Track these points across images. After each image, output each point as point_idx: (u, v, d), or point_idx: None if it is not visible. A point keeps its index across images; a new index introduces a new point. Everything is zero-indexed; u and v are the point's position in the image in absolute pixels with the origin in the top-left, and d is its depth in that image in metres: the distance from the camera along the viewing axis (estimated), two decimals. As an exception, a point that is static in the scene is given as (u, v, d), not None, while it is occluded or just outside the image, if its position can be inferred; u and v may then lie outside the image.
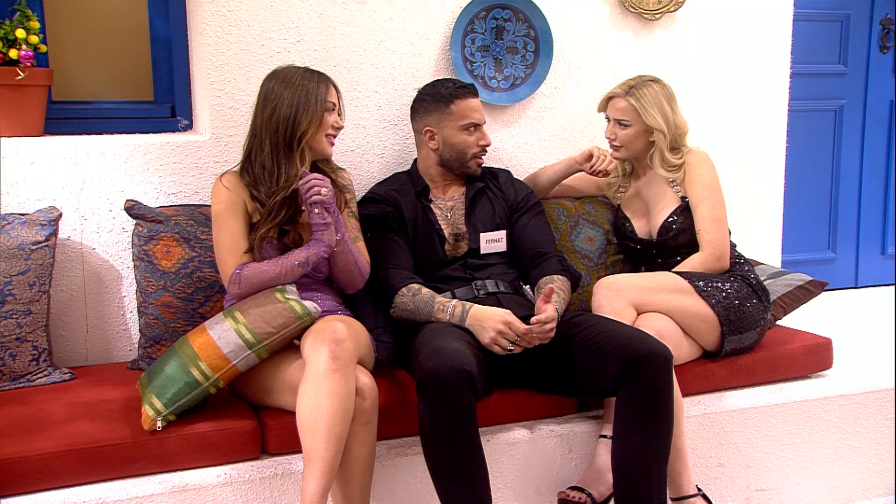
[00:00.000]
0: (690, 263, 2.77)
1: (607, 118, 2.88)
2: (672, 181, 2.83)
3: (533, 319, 2.38)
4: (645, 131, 2.80)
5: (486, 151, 2.76)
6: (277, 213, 2.39)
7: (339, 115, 2.50)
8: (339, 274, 2.49)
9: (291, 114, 2.39)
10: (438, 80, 2.80)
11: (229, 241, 2.39)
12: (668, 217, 2.81)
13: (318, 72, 2.48)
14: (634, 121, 2.79)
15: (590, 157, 2.91)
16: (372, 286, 2.59)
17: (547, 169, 3.05)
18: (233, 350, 2.23)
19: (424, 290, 2.55)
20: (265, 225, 2.39)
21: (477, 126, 2.71)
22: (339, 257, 2.44)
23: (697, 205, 2.78)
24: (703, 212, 2.77)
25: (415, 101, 2.80)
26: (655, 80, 2.83)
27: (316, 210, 2.32)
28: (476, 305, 2.47)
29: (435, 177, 2.78)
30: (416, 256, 2.68)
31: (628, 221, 2.93)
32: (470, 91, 2.73)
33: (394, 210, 2.70)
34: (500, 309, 2.44)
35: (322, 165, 2.53)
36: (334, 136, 2.50)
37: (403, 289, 2.55)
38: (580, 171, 2.97)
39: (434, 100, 2.72)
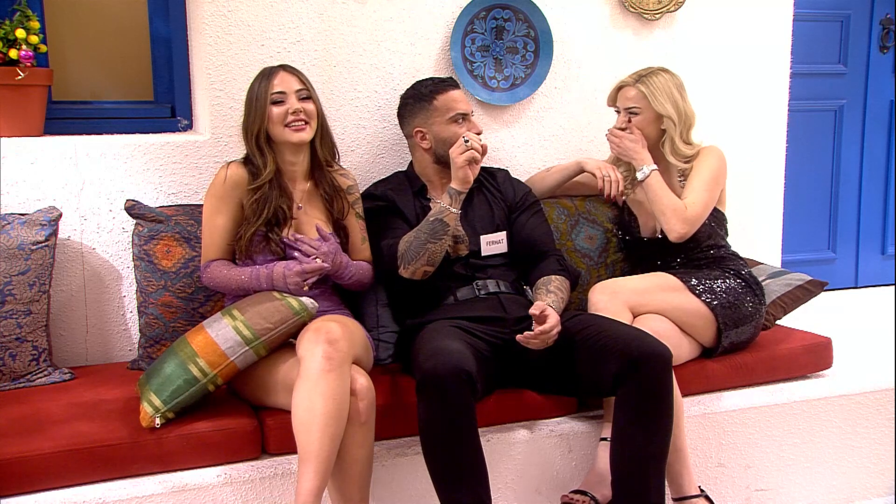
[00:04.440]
0: (668, 196, 2.74)
1: (617, 110, 2.88)
2: (681, 178, 2.83)
3: (544, 328, 2.37)
4: (655, 119, 2.80)
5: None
6: (260, 214, 2.42)
7: (299, 101, 2.43)
8: (348, 288, 2.57)
9: (244, 119, 2.48)
10: (418, 81, 2.78)
11: (209, 235, 2.48)
12: None
13: (270, 67, 2.50)
14: (644, 108, 2.79)
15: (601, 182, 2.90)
16: (377, 262, 2.62)
17: (553, 169, 3.04)
18: (231, 346, 2.24)
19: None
20: (250, 227, 2.42)
21: (464, 116, 2.68)
22: (349, 284, 2.53)
23: (694, 184, 2.77)
24: (695, 185, 2.76)
25: (399, 107, 2.78)
26: (665, 70, 2.83)
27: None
28: None
29: (432, 176, 2.76)
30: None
31: (634, 219, 2.94)
32: (450, 83, 2.72)
33: (391, 209, 2.70)
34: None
35: (325, 158, 2.53)
36: (302, 122, 2.44)
37: (400, 240, 2.57)
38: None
39: (417, 100, 2.70)
